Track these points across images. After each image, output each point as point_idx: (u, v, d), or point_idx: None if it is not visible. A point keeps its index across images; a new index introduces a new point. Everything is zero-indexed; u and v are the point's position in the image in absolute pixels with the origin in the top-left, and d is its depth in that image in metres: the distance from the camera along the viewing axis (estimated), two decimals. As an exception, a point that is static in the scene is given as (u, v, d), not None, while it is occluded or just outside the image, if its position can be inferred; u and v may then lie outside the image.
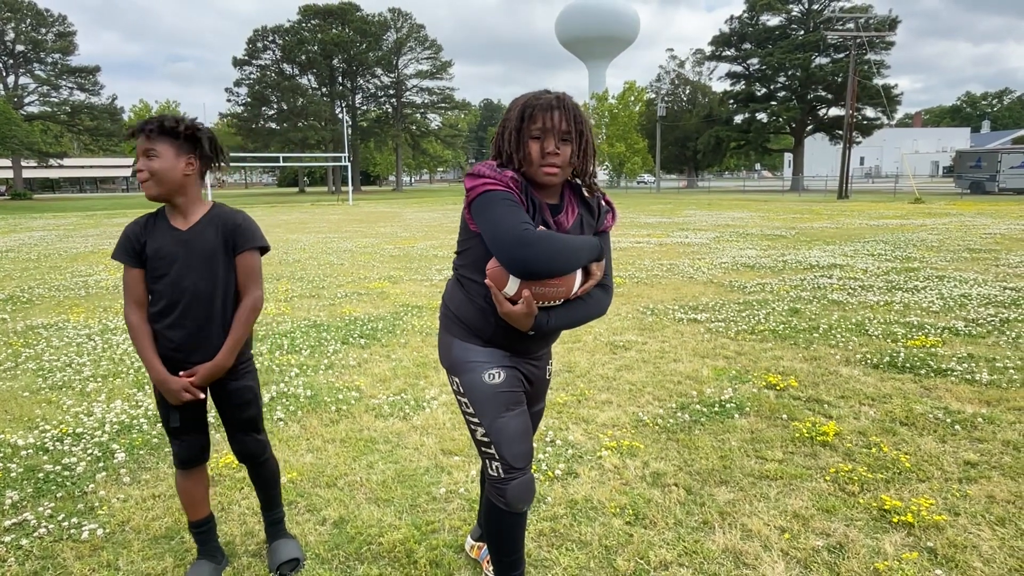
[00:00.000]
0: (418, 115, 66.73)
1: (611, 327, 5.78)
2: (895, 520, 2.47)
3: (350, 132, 56.81)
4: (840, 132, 41.87)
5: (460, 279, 1.82)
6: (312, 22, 60.69)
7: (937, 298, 6.65)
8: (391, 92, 65.20)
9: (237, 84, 60.95)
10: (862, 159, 76.89)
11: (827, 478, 2.83)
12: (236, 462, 3.05)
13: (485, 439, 1.78)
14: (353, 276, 9.12)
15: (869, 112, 48.64)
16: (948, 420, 3.44)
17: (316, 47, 59.46)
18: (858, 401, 3.78)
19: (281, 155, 44.13)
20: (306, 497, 2.75)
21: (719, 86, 60.41)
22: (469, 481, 2.87)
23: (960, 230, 14.09)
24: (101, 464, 3.10)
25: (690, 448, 3.17)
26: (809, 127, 52.97)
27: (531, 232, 1.58)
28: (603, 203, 1.87)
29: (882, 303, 6.51)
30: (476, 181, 1.67)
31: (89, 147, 63.83)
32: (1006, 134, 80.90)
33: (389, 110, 66.05)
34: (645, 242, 12.99)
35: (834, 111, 50.42)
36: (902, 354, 4.65)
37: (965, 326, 5.48)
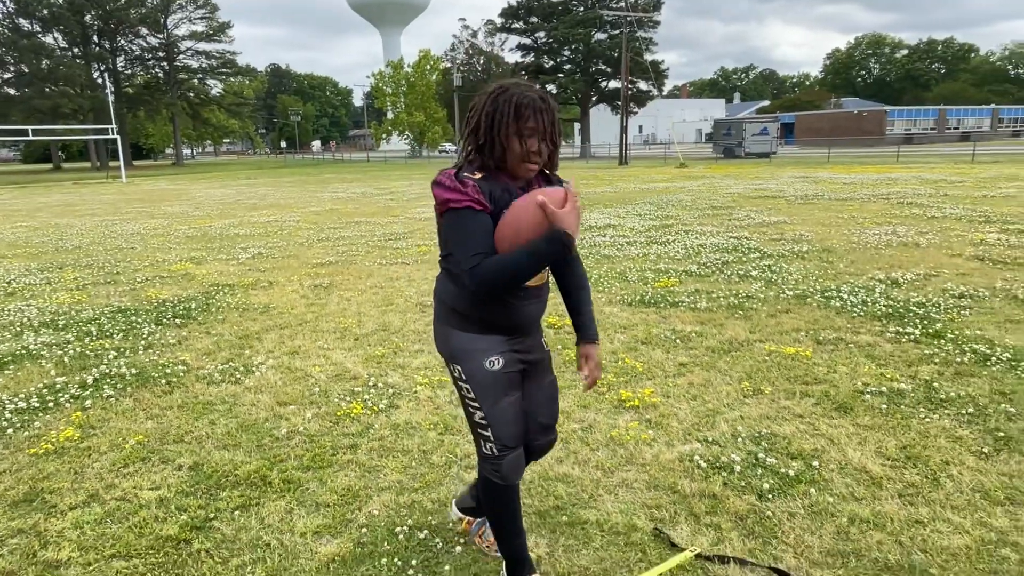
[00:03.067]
0: (195, 81, 61.07)
1: (420, 291, 6.45)
2: (627, 406, 3.46)
3: (114, 100, 50.51)
4: (620, 103, 46.02)
5: (450, 274, 1.87)
6: (54, -30, 52.54)
7: (681, 248, 8.21)
8: (161, 55, 58.79)
9: (-42, 41, 51.10)
10: (640, 127, 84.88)
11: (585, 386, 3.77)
12: (77, 435, 3.27)
13: (483, 422, 1.90)
14: (150, 260, 8.78)
15: (643, 85, 53.85)
16: (673, 337, 4.61)
17: (61, 0, 51.64)
18: (614, 330, 4.86)
19: (31, 127, 38.13)
20: (158, 452, 3.09)
21: (511, 57, 62.78)
22: (306, 422, 3.39)
23: (709, 191, 16.71)
24: (-77, 456, 3.12)
25: (487, 377, 3.97)
26: (593, 98, 57.28)
27: (478, 268, 1.69)
28: (558, 181, 1.93)
29: (640, 255, 7.91)
30: (443, 194, 1.74)
31: None
32: (752, 105, 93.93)
33: (160, 75, 59.63)
34: (448, 211, 13.77)
35: (613, 83, 55.10)
36: (649, 293, 5.89)
37: (697, 269, 6.95)
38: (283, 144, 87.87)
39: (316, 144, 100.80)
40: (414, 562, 2.23)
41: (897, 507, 2.47)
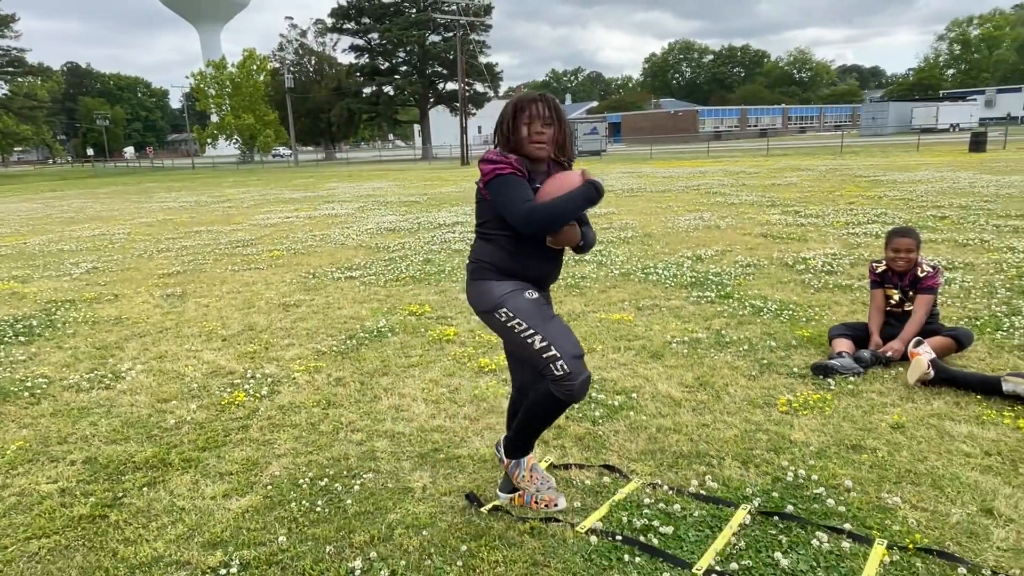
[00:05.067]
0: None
1: (280, 292, 6.63)
2: (487, 370, 4.06)
3: None
4: (458, 104, 46.97)
5: (486, 236, 2.23)
6: None
7: (524, 239, 8.99)
8: (-71, 52, 51.15)
9: None
10: (480, 128, 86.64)
11: (450, 358, 4.32)
12: (-53, 448, 3.25)
13: (544, 344, 2.12)
14: (-37, 281, 8.04)
15: (479, 87, 55.30)
16: (521, 314, 5.27)
17: None
18: (470, 314, 5.44)
19: None
20: (44, 453, 3.19)
21: (345, 58, 61.55)
22: (192, 413, 3.61)
23: (547, 187, 17.89)
24: None
25: (359, 360, 4.38)
26: (431, 100, 57.85)
27: (534, 207, 2.05)
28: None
29: (488, 247, 8.58)
30: (489, 166, 2.11)
31: None
32: (582, 105, 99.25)
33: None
34: (295, 216, 13.68)
35: (451, 85, 56.06)
36: (498, 280, 6.55)
37: (539, 256, 7.74)
38: (90, 151, 79.34)
39: (129, 151, 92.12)
40: (320, 503, 2.65)
41: (691, 417, 3.27)
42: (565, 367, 2.11)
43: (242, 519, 2.55)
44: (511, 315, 2.15)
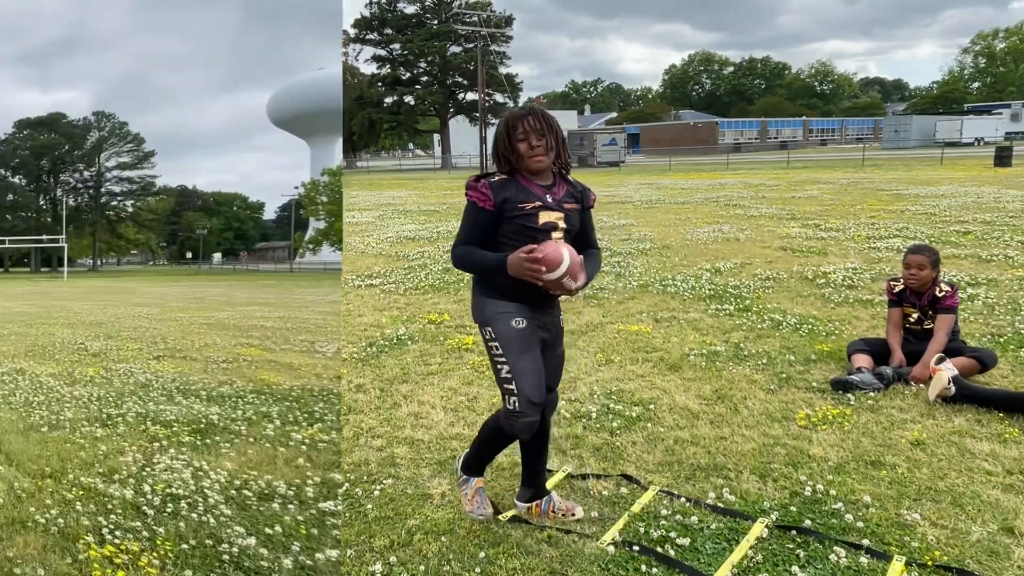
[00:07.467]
0: (115, 202, 62.88)
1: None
2: (505, 380, 4.08)
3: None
4: (477, 115, 47.30)
5: None
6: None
7: (543, 250, 9.04)
8: (90, 184, 60.83)
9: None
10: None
11: (468, 367, 4.37)
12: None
13: (508, 376, 2.21)
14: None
15: (499, 97, 55.57)
16: (539, 324, 5.31)
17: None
18: (488, 322, 5.48)
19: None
20: None
21: (367, 68, 62.18)
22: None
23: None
24: None
25: (379, 368, 4.44)
26: (451, 110, 58.27)
27: (456, 249, 2.26)
28: (581, 186, 2.38)
29: (507, 257, 8.64)
30: (468, 193, 2.24)
31: None
32: (601, 116, 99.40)
33: (86, 199, 61.27)
34: (316, 224, 13.84)
35: (471, 96, 56.42)
36: (517, 290, 6.59)
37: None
38: (188, 255, 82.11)
39: (217, 256, 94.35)
40: (340, 507, 2.69)
41: (709, 430, 3.28)
42: (516, 405, 2.22)
43: (265, 521, 2.61)
44: (492, 337, 2.26)
